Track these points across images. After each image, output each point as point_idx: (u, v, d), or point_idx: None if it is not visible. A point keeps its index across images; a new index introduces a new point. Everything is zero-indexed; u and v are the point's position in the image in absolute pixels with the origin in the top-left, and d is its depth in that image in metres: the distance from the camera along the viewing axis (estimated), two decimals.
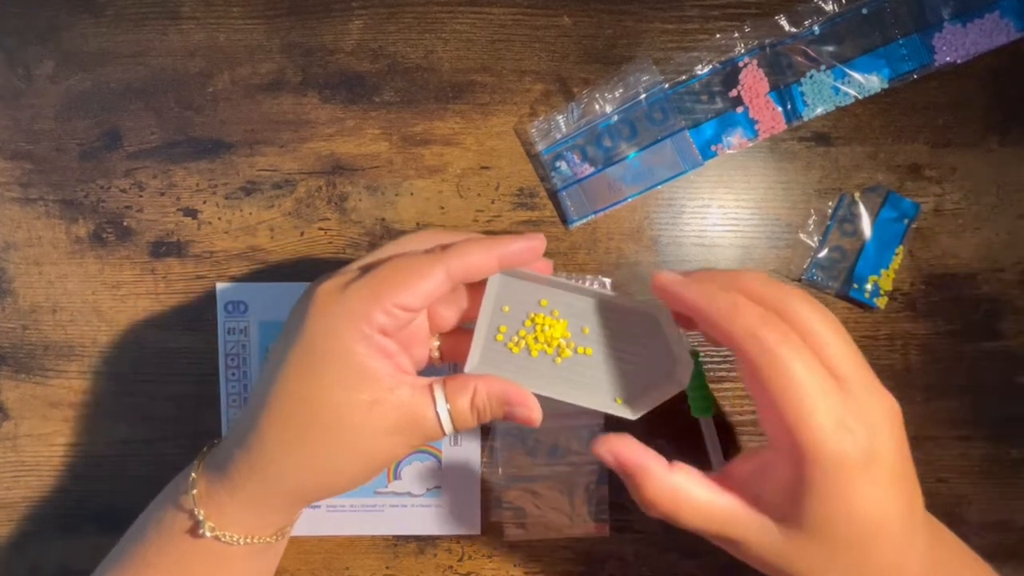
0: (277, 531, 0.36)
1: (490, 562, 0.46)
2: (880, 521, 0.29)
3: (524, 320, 0.36)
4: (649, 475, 0.31)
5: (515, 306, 0.36)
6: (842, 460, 0.28)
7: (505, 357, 0.36)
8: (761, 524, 0.30)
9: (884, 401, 0.30)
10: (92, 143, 0.46)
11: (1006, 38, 0.44)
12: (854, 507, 0.29)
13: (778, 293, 0.31)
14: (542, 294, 0.36)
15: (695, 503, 0.31)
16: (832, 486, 0.28)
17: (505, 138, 0.45)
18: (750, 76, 0.45)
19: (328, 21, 0.45)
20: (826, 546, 0.30)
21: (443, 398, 0.33)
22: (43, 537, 0.47)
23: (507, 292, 0.36)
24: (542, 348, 0.35)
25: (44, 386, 0.46)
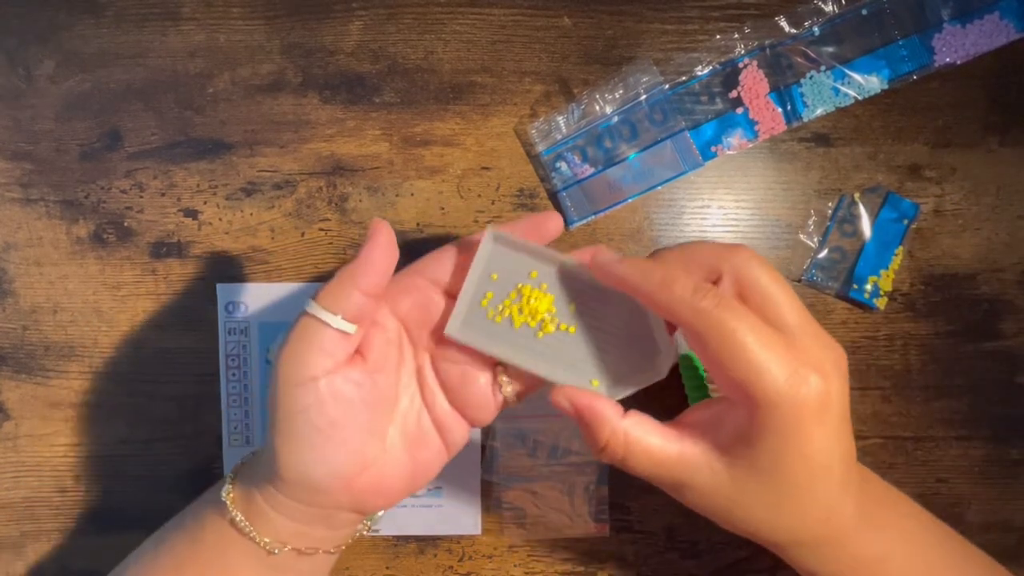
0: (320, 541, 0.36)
1: (490, 562, 0.46)
2: (827, 463, 0.31)
3: (511, 290, 0.35)
4: (602, 419, 0.32)
5: (504, 275, 0.35)
6: (798, 406, 0.29)
7: (487, 324, 0.35)
8: (711, 467, 0.31)
9: (833, 349, 0.31)
10: (92, 143, 0.46)
11: (1006, 39, 0.44)
12: (806, 449, 0.30)
13: (718, 253, 0.32)
14: (532, 266, 0.35)
15: (646, 447, 0.32)
16: (787, 429, 0.29)
17: (505, 139, 0.46)
18: (750, 77, 0.45)
19: (328, 22, 0.45)
20: (774, 487, 0.31)
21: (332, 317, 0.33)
22: (43, 537, 0.47)
23: (497, 260, 0.35)
24: (525, 320, 0.35)
25: (44, 386, 0.46)
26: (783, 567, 0.45)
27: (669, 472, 0.32)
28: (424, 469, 0.36)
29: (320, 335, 0.33)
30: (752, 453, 0.30)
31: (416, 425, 0.36)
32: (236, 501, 0.35)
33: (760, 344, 0.29)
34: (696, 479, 0.32)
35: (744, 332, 0.29)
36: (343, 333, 0.33)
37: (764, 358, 0.29)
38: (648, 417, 0.32)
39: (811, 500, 0.31)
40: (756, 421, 0.30)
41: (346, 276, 0.33)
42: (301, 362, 0.32)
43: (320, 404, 0.32)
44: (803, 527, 0.32)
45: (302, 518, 0.35)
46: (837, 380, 0.30)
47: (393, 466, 0.35)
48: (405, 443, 0.35)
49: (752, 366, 0.29)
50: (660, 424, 0.32)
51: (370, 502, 0.35)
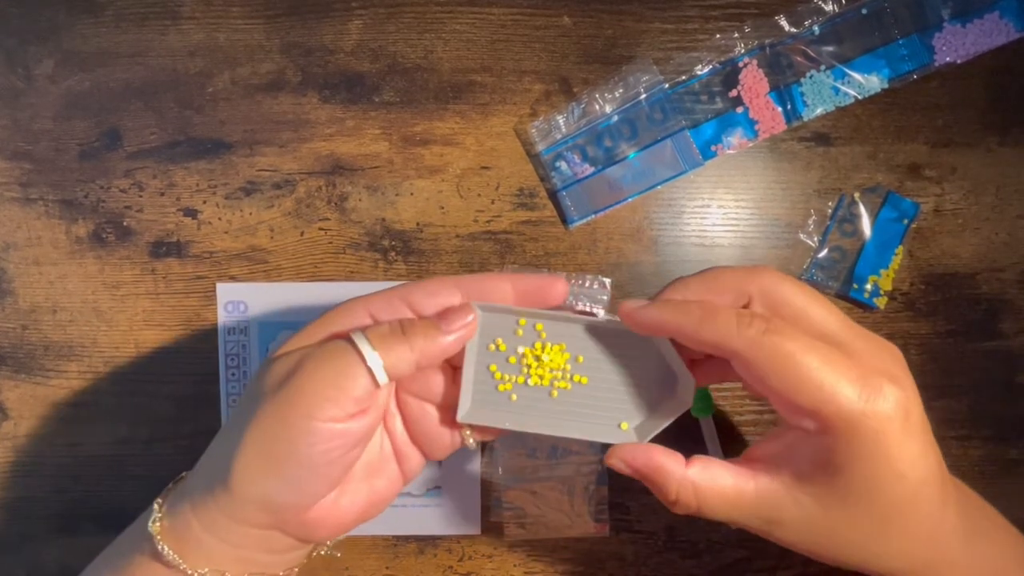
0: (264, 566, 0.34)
1: (490, 562, 0.46)
2: (924, 476, 0.28)
3: (512, 355, 0.34)
4: (665, 474, 0.30)
5: (502, 340, 0.34)
6: (881, 421, 0.27)
7: (498, 398, 0.34)
8: (796, 501, 0.29)
9: (888, 348, 0.29)
10: (92, 143, 0.46)
11: (1006, 38, 0.44)
12: (899, 466, 0.28)
13: (743, 277, 0.30)
14: (528, 324, 0.34)
15: (719, 491, 0.30)
16: (875, 450, 0.27)
17: (505, 138, 0.45)
18: (750, 76, 0.45)
19: (328, 21, 0.45)
20: (873, 513, 0.28)
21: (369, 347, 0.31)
22: (43, 537, 0.47)
23: (491, 326, 0.34)
24: (536, 383, 0.34)
25: (44, 386, 0.46)
26: (783, 567, 0.45)
27: (750, 512, 0.30)
28: (379, 499, 0.35)
29: (355, 377, 0.30)
30: (841, 481, 0.28)
31: (378, 454, 0.35)
32: (165, 531, 0.33)
33: (822, 362, 0.27)
34: (784, 515, 0.30)
35: (803, 353, 0.27)
36: (375, 382, 0.30)
37: (831, 377, 0.27)
38: (715, 460, 0.31)
39: (915, 519, 0.29)
40: (838, 446, 0.28)
41: (414, 338, 0.31)
42: (328, 400, 0.30)
43: (325, 444, 0.30)
44: (912, 550, 0.30)
45: (240, 541, 0.32)
46: (908, 381, 0.29)
47: (351, 496, 0.33)
48: (366, 471, 0.34)
49: (821, 388, 0.27)
50: (729, 464, 0.31)
51: (318, 532, 0.33)
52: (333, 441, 0.30)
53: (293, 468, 0.31)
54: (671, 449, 0.31)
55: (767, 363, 0.28)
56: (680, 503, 0.31)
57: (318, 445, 0.30)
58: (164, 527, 0.33)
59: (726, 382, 0.36)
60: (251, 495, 0.31)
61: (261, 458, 0.31)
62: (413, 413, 0.35)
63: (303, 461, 0.30)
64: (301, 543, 0.34)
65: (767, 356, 0.28)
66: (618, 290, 0.45)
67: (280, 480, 0.31)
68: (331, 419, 0.30)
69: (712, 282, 0.31)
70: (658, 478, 0.30)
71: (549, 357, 0.34)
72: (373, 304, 0.33)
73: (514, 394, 0.34)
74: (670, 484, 0.30)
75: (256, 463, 0.31)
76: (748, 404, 0.46)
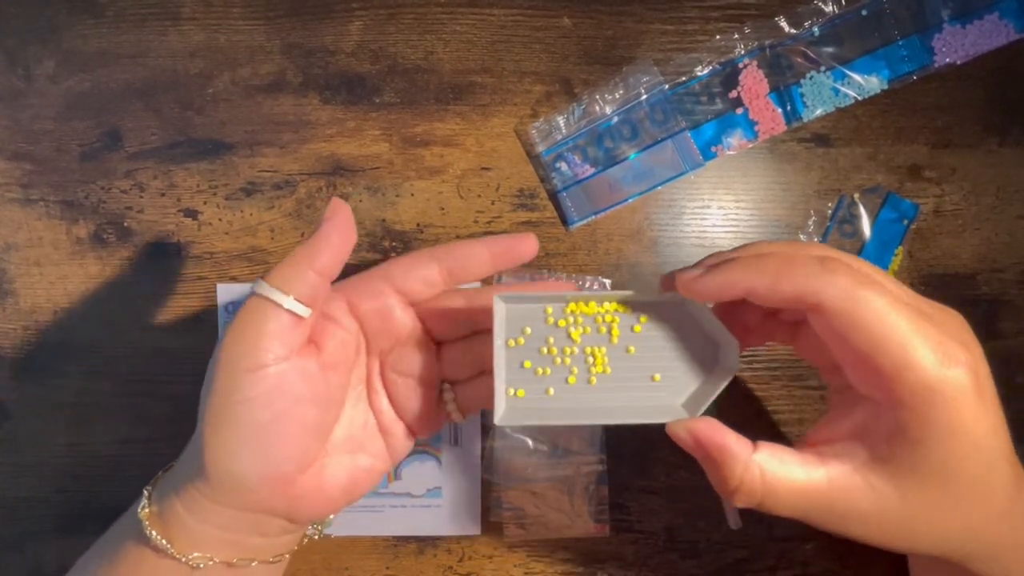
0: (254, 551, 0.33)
1: (490, 562, 0.46)
2: (998, 449, 0.27)
3: (543, 346, 0.32)
4: (732, 456, 0.27)
5: (530, 330, 0.32)
6: (957, 391, 0.25)
7: (534, 395, 0.32)
8: (871, 487, 0.27)
9: (955, 315, 0.28)
10: (92, 144, 0.46)
11: (1005, 39, 0.44)
12: (975, 436, 0.26)
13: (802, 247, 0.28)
14: (555, 310, 0.32)
15: (789, 482, 0.27)
16: (952, 420, 0.26)
17: (505, 139, 0.46)
18: (750, 77, 0.45)
19: (328, 22, 0.45)
20: (951, 488, 0.27)
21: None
22: (43, 537, 0.47)
23: (517, 318, 0.32)
24: (573, 372, 0.32)
25: (44, 386, 0.46)
26: (783, 567, 0.45)
27: (822, 505, 0.28)
28: (364, 475, 0.34)
29: (272, 318, 0.30)
30: (916, 457, 0.26)
31: (362, 429, 0.35)
32: (152, 517, 0.33)
33: (908, 322, 0.25)
34: (859, 505, 0.27)
35: (891, 310, 0.25)
36: (296, 317, 0.30)
37: (916, 339, 0.25)
38: (781, 446, 0.28)
39: (991, 496, 0.27)
40: (914, 416, 0.26)
41: (300, 255, 0.31)
42: (250, 346, 0.30)
43: (266, 395, 0.30)
44: (987, 529, 0.28)
45: (229, 525, 0.32)
46: (979, 349, 0.27)
47: (333, 470, 0.33)
48: (349, 446, 0.34)
49: (906, 350, 0.25)
50: (794, 450, 0.28)
51: (304, 509, 0.32)
52: (271, 390, 0.30)
53: (248, 432, 0.30)
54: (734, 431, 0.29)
55: (856, 317, 0.25)
56: (743, 491, 0.28)
57: (257, 397, 0.30)
58: (152, 513, 0.33)
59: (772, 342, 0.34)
60: (225, 476, 0.31)
61: (219, 432, 0.30)
62: (398, 390, 0.35)
63: (252, 420, 0.30)
64: (291, 525, 0.34)
65: (856, 309, 0.25)
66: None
67: (244, 452, 0.30)
68: (261, 364, 0.30)
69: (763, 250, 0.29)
70: (723, 458, 0.28)
71: (582, 342, 0.32)
72: (349, 289, 0.34)
73: (551, 387, 0.32)
74: (735, 467, 0.27)
75: (217, 438, 0.31)
76: (752, 404, 0.46)
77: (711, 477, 0.29)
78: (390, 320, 0.34)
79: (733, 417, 0.45)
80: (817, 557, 0.45)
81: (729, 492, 0.28)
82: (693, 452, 0.29)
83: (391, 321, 0.34)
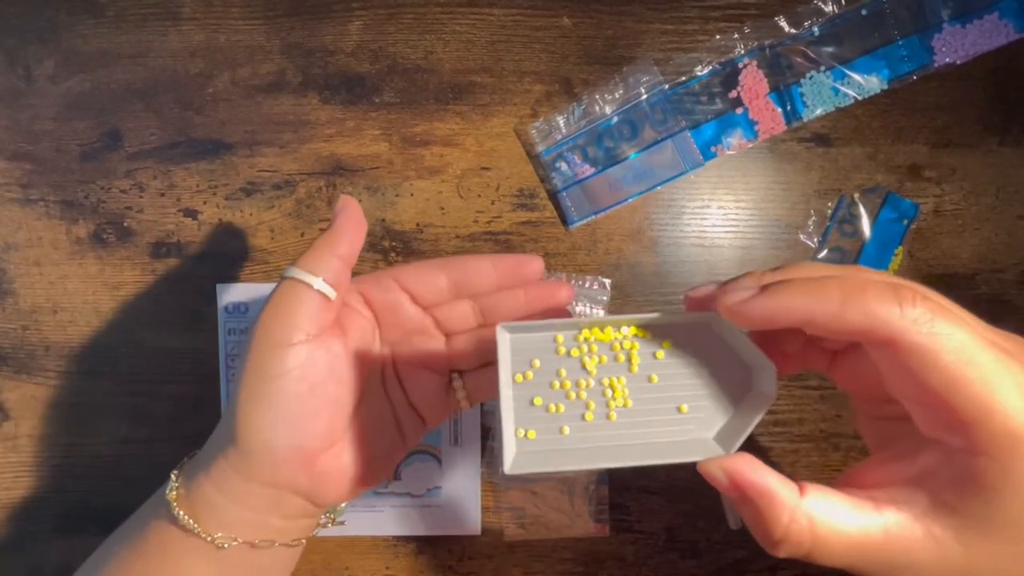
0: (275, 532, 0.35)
1: (490, 562, 0.46)
2: None
3: (555, 380, 0.29)
4: (778, 504, 0.24)
5: (539, 362, 0.29)
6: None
7: (548, 436, 0.28)
8: (933, 538, 0.24)
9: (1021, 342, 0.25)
10: (92, 143, 0.46)
11: (1005, 39, 0.44)
12: None
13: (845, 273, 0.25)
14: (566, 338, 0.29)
15: (840, 533, 0.24)
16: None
17: (505, 139, 0.46)
18: (750, 77, 0.45)
19: (328, 22, 0.45)
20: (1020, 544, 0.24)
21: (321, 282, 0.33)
22: (43, 537, 0.47)
23: (524, 349, 0.29)
24: (590, 407, 0.29)
25: (44, 386, 0.46)
26: (783, 567, 0.45)
27: (877, 557, 0.25)
28: (382, 461, 0.36)
29: (304, 299, 0.33)
30: (988, 508, 0.24)
31: (378, 414, 0.36)
32: (180, 498, 0.34)
33: (997, 363, 0.23)
34: (919, 557, 0.24)
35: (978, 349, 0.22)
36: (325, 298, 0.33)
37: (1003, 383, 0.22)
38: (832, 491, 0.25)
39: None
40: (992, 467, 0.23)
41: (323, 243, 0.34)
42: (285, 324, 0.32)
43: (299, 369, 0.32)
44: None
45: (253, 503, 0.33)
46: None
47: (353, 452, 0.34)
48: (367, 431, 0.35)
49: (991, 396, 0.22)
50: (846, 495, 0.25)
51: (326, 488, 0.34)
52: (304, 365, 0.32)
53: (280, 403, 0.32)
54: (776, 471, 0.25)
55: (935, 354, 0.23)
56: (789, 542, 0.24)
57: (291, 371, 0.32)
58: (180, 495, 0.34)
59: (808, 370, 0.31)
60: (256, 445, 0.32)
61: (253, 404, 0.32)
62: (409, 381, 0.37)
63: (284, 392, 0.32)
64: (311, 507, 0.35)
65: (936, 345, 0.23)
66: (618, 291, 0.45)
67: (275, 421, 0.32)
68: (292, 341, 0.32)
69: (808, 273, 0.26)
70: (766, 504, 0.24)
71: (598, 373, 0.29)
72: (363, 283, 0.37)
73: (565, 426, 0.29)
74: (781, 515, 0.24)
75: (251, 411, 0.32)
76: None
77: (750, 523, 0.26)
78: (400, 312, 0.36)
79: None
80: None
81: (772, 543, 0.25)
82: (730, 494, 0.25)
83: (401, 313, 0.36)
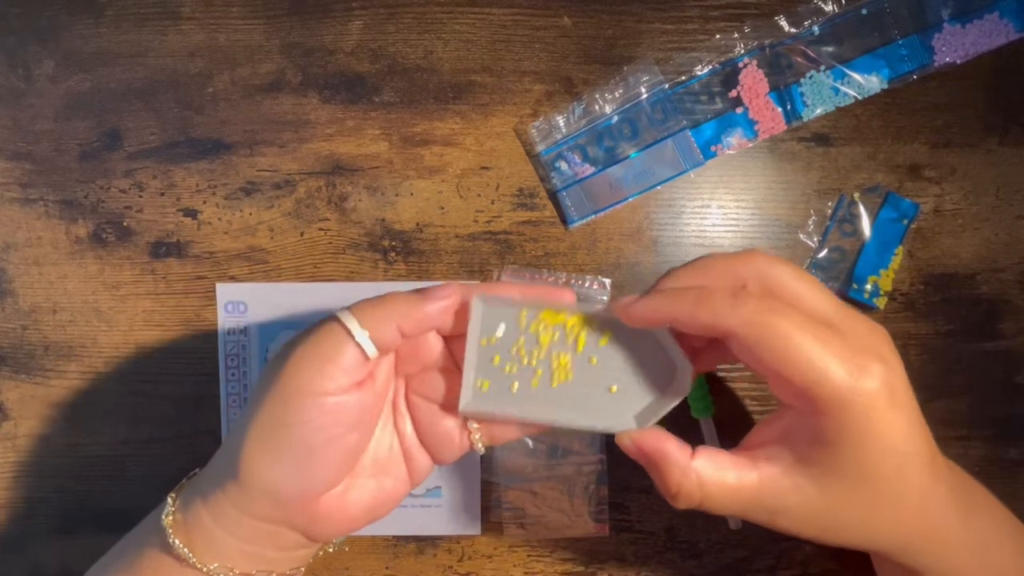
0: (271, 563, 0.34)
1: (490, 562, 0.46)
2: (911, 449, 0.29)
3: (513, 347, 0.34)
4: (671, 463, 0.30)
5: (504, 331, 0.34)
6: (869, 399, 0.28)
7: (500, 389, 0.34)
8: (796, 486, 0.30)
9: (878, 331, 0.30)
10: (92, 143, 0.46)
11: (1005, 39, 0.44)
12: (887, 441, 0.29)
13: (735, 262, 0.31)
14: (528, 315, 0.34)
15: (722, 485, 0.30)
16: (864, 426, 0.28)
17: (505, 138, 0.46)
18: (750, 76, 0.45)
19: (328, 21, 0.45)
20: (866, 488, 0.29)
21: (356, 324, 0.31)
22: (43, 537, 0.47)
23: (492, 318, 0.34)
24: (537, 373, 0.34)
25: (44, 386, 0.46)
26: (783, 567, 0.45)
27: (754, 504, 0.30)
28: (386, 498, 0.35)
29: (344, 349, 0.31)
30: (834, 459, 0.29)
31: (387, 452, 0.35)
32: (176, 524, 0.33)
33: (815, 341, 0.28)
34: (786, 502, 0.30)
35: (796, 332, 0.28)
36: (363, 355, 0.31)
37: (823, 356, 0.28)
38: (717, 450, 0.31)
39: (903, 490, 0.30)
40: (830, 424, 0.28)
41: (393, 304, 0.32)
42: (317, 370, 0.31)
43: (320, 419, 0.31)
44: (904, 524, 0.31)
45: (249, 536, 0.33)
46: (895, 360, 0.29)
47: (358, 492, 0.34)
48: (374, 469, 0.35)
49: (813, 367, 0.28)
50: (730, 454, 0.31)
51: (324, 528, 0.33)
52: (328, 417, 0.31)
53: (294, 450, 0.31)
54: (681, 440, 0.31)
55: (762, 342, 0.28)
56: (682, 495, 0.30)
57: (314, 421, 0.31)
58: (176, 521, 0.33)
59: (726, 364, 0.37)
60: (259, 484, 0.31)
61: (265, 444, 0.31)
62: (422, 415, 0.35)
63: (302, 441, 0.31)
64: (307, 541, 0.34)
65: (762, 335, 0.28)
66: (618, 290, 0.45)
67: (284, 466, 0.31)
68: (323, 392, 0.31)
69: (705, 269, 0.31)
70: (663, 465, 0.30)
71: (550, 348, 0.34)
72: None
73: (516, 383, 0.34)
74: (673, 473, 0.30)
75: (261, 451, 0.31)
76: (748, 404, 0.46)
77: (656, 483, 0.31)
78: (421, 345, 0.35)
79: (732, 417, 0.46)
80: (817, 557, 0.45)
81: (670, 496, 0.31)
82: (638, 460, 0.31)
83: (422, 346, 0.35)
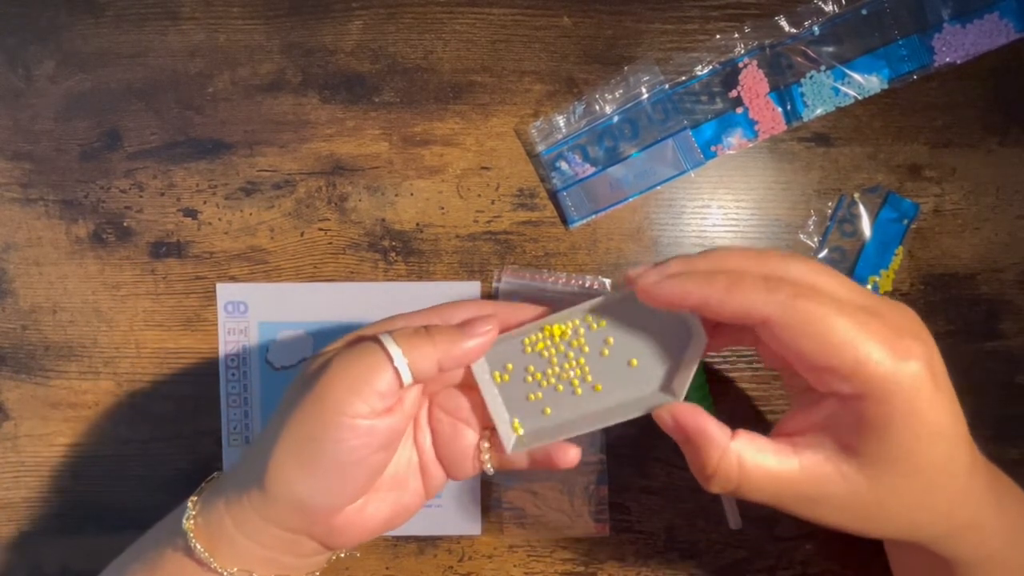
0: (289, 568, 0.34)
1: (490, 562, 0.46)
2: (957, 434, 0.28)
3: (527, 376, 0.34)
4: (711, 441, 0.29)
5: (513, 361, 0.34)
6: (914, 382, 0.27)
7: (534, 420, 0.34)
8: (841, 474, 0.28)
9: (910, 312, 0.29)
10: (92, 143, 0.46)
11: (1005, 39, 0.44)
12: (936, 425, 0.27)
13: (751, 261, 0.30)
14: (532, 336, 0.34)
15: (764, 468, 0.28)
16: (913, 409, 0.27)
17: (505, 138, 0.46)
18: (750, 77, 0.45)
19: (328, 21, 0.45)
20: (916, 475, 0.28)
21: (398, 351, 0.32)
22: (43, 537, 0.47)
23: (495, 358, 0.35)
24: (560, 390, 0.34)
25: (44, 386, 0.46)
26: (783, 567, 0.45)
27: (792, 492, 0.29)
28: (403, 510, 0.35)
29: (382, 373, 0.31)
30: (881, 446, 0.27)
31: (406, 466, 0.36)
32: (198, 529, 0.33)
33: (854, 324, 0.27)
34: (829, 490, 0.29)
35: (835, 315, 0.27)
36: (399, 381, 0.31)
37: (864, 340, 0.26)
38: (758, 434, 0.29)
39: (953, 480, 0.29)
40: (875, 409, 0.27)
41: (436, 339, 0.32)
42: (356, 394, 0.31)
43: (354, 440, 0.31)
44: (951, 512, 0.29)
45: (270, 543, 0.33)
46: (930, 339, 0.28)
47: (377, 505, 0.34)
48: (393, 483, 0.35)
49: (856, 350, 0.26)
50: (771, 440, 0.30)
51: (342, 537, 0.34)
52: (360, 439, 0.31)
53: (323, 467, 0.31)
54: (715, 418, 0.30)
55: (799, 327, 0.27)
56: (719, 477, 0.29)
57: (346, 441, 0.31)
58: (198, 524, 0.34)
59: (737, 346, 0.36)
60: (284, 495, 0.32)
61: (294, 458, 0.31)
62: (443, 431, 0.35)
63: (332, 459, 0.31)
64: (325, 548, 0.35)
65: (799, 320, 0.27)
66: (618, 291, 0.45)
67: (312, 480, 0.31)
68: (357, 414, 0.31)
69: (719, 262, 0.30)
70: (702, 442, 0.29)
71: (559, 360, 0.34)
72: (413, 318, 0.35)
73: (547, 407, 0.34)
74: (712, 453, 0.29)
75: (289, 463, 0.31)
76: (749, 402, 0.46)
77: (690, 462, 0.30)
78: None
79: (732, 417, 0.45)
80: (817, 557, 0.45)
81: (706, 477, 0.29)
82: (674, 435, 0.30)
83: None
